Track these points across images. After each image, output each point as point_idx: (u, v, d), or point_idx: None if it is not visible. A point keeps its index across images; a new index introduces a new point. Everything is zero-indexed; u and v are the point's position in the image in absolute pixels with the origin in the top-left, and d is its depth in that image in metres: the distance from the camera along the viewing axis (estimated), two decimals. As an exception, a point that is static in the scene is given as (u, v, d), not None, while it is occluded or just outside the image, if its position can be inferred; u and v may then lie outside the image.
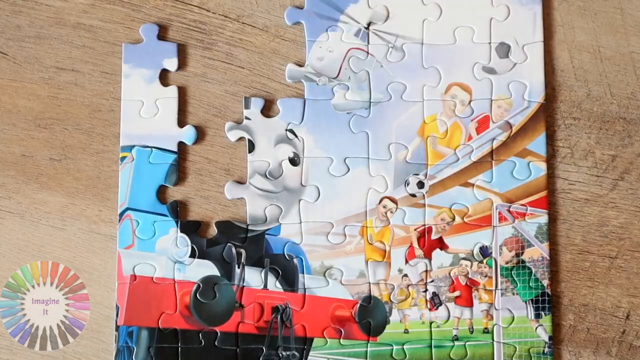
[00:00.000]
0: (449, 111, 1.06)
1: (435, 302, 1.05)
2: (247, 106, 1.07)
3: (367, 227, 1.05)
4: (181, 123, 1.06)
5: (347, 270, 1.05)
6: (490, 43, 1.07)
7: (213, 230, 1.05)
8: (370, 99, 1.06)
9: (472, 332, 1.05)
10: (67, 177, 1.06)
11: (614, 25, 1.07)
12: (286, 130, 1.06)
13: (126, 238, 1.04)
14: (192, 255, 1.04)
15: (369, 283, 1.05)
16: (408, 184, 1.06)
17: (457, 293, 1.05)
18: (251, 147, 1.06)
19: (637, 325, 1.05)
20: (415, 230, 1.06)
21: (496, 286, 1.05)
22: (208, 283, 1.03)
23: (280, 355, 1.03)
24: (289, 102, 1.07)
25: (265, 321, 1.03)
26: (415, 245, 1.06)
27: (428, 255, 1.06)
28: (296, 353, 1.03)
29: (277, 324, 1.03)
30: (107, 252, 1.05)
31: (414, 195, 1.06)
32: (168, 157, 1.05)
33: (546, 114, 1.06)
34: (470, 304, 1.05)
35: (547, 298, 1.04)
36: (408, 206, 1.06)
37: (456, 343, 1.04)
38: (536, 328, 1.04)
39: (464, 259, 1.05)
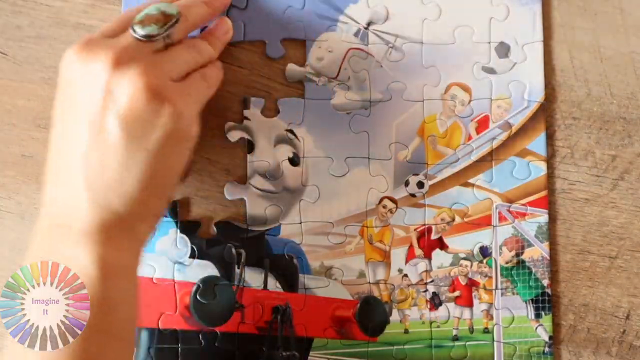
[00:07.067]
0: (448, 111, 1.06)
1: (435, 302, 1.05)
2: (246, 106, 1.07)
3: (367, 227, 1.05)
4: (181, 123, 1.06)
5: (347, 270, 1.05)
6: (489, 43, 1.07)
7: (213, 231, 1.05)
8: (370, 99, 1.06)
9: (472, 332, 1.05)
10: (67, 177, 1.06)
11: (614, 25, 1.07)
12: (286, 130, 1.06)
13: (126, 238, 1.04)
14: (192, 256, 1.04)
15: (369, 283, 1.05)
16: (408, 184, 1.06)
17: (457, 293, 1.05)
18: (251, 147, 1.06)
19: (637, 325, 1.05)
20: (415, 230, 1.06)
21: (496, 286, 1.05)
22: (208, 283, 1.03)
23: (281, 355, 1.03)
24: (289, 102, 1.06)
25: (265, 321, 1.04)
26: (415, 245, 1.06)
27: (428, 255, 1.06)
28: (296, 353, 1.03)
29: (277, 325, 1.03)
30: (107, 252, 1.05)
31: (414, 195, 1.06)
32: (168, 157, 1.05)
33: (546, 114, 1.06)
34: (470, 304, 1.05)
35: (547, 298, 1.04)
36: (408, 206, 1.06)
37: (456, 343, 1.04)
38: (536, 328, 1.04)
39: (464, 259, 1.05)
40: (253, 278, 1.04)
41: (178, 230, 1.05)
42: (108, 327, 0.88)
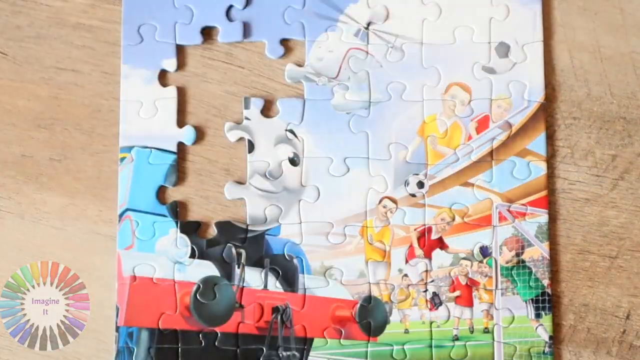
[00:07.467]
0: (448, 111, 1.06)
1: (435, 302, 1.05)
2: (246, 106, 1.07)
3: (367, 227, 1.05)
4: (180, 123, 1.06)
5: (347, 270, 1.05)
6: (489, 43, 1.06)
7: (213, 231, 1.05)
8: (370, 99, 1.06)
9: (472, 332, 1.05)
10: (67, 177, 1.07)
11: (614, 25, 1.07)
12: (286, 130, 1.06)
13: (126, 239, 1.04)
14: (192, 256, 1.04)
15: (369, 283, 1.05)
16: (408, 184, 1.06)
17: (457, 293, 1.05)
18: (251, 147, 1.06)
19: (637, 325, 1.05)
20: (415, 230, 1.06)
21: (496, 286, 1.05)
22: (208, 283, 1.03)
23: (281, 355, 1.03)
24: (288, 102, 1.06)
25: (265, 321, 1.04)
26: (415, 245, 1.06)
27: (428, 255, 1.06)
28: (296, 353, 1.03)
29: (277, 324, 1.03)
30: (107, 252, 1.05)
31: (414, 195, 1.06)
32: (167, 157, 1.05)
33: (546, 114, 1.06)
34: (470, 304, 1.05)
35: (547, 298, 1.04)
36: (408, 206, 1.06)
37: (456, 343, 1.04)
38: (536, 328, 1.04)
39: (464, 258, 1.05)
40: (253, 278, 1.04)
41: (178, 231, 1.05)
42: None
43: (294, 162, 1.06)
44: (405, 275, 1.06)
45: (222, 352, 1.03)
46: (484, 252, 1.05)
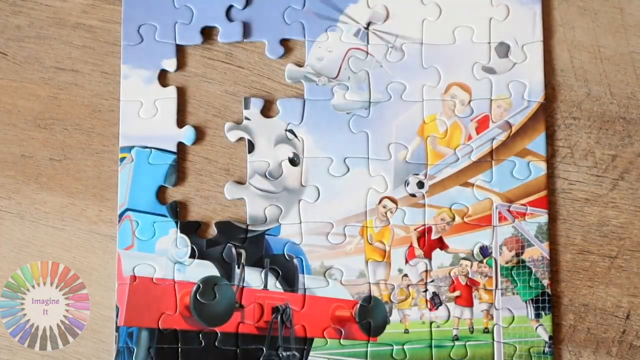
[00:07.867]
0: (448, 111, 1.06)
1: (435, 302, 1.05)
2: (246, 106, 1.07)
3: (367, 227, 1.05)
4: (180, 123, 1.06)
5: (347, 270, 1.05)
6: (489, 43, 1.06)
7: (213, 231, 1.05)
8: (369, 99, 1.06)
9: (472, 332, 1.05)
10: (67, 177, 1.07)
11: (614, 25, 1.07)
12: (286, 130, 1.06)
13: (126, 239, 1.04)
14: (192, 256, 1.04)
15: (369, 283, 1.05)
16: (408, 184, 1.06)
17: (457, 293, 1.05)
18: (251, 147, 1.06)
19: (637, 325, 1.05)
20: (415, 230, 1.06)
21: (496, 286, 1.05)
22: (208, 283, 1.03)
23: (281, 355, 1.03)
24: (288, 102, 1.07)
25: (265, 321, 1.04)
26: (415, 245, 1.06)
27: (428, 255, 1.06)
28: (296, 353, 1.03)
29: (277, 324, 1.03)
30: (107, 252, 1.05)
31: (413, 195, 1.06)
32: (167, 157, 1.05)
33: (546, 114, 1.06)
34: (470, 304, 1.05)
35: (547, 298, 1.04)
36: (408, 206, 1.06)
37: (456, 343, 1.04)
38: (536, 328, 1.04)
39: (464, 258, 1.05)
40: (253, 278, 1.04)
41: (178, 231, 1.05)
42: None
43: (294, 162, 1.06)
44: (405, 275, 1.06)
45: (222, 352, 1.03)
46: (484, 252, 1.05)
